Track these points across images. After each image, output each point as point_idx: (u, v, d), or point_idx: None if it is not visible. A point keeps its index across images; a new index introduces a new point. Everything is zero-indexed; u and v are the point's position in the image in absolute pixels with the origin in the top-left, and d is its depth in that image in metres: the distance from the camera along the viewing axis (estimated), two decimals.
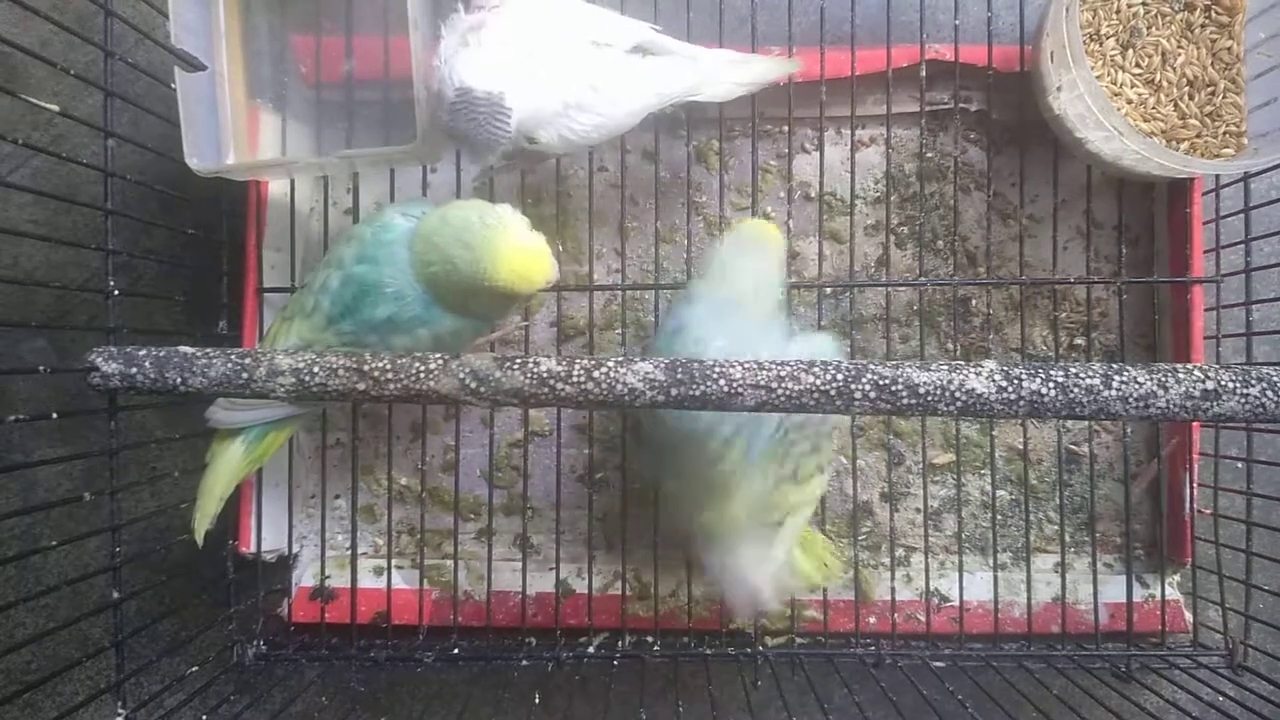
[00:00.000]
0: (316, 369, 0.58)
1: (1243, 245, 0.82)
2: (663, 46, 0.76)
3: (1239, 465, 0.84)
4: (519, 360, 0.57)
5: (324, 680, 0.89)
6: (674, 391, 0.55)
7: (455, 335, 0.70)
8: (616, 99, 0.73)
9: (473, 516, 0.92)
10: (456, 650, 0.86)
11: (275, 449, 0.78)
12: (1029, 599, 0.86)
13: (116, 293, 0.76)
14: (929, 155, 0.90)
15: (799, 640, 0.87)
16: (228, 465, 0.76)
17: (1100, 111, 0.73)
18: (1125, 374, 0.54)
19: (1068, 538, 0.89)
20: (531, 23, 0.70)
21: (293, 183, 0.87)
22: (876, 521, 0.91)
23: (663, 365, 0.56)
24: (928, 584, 0.87)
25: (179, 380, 0.59)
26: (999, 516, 0.90)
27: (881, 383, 0.54)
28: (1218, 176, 0.84)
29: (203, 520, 0.75)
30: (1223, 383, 0.53)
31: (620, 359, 0.56)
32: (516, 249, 0.63)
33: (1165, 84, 0.81)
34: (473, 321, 0.71)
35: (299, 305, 0.73)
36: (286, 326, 0.73)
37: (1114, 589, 0.86)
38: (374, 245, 0.68)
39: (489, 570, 0.87)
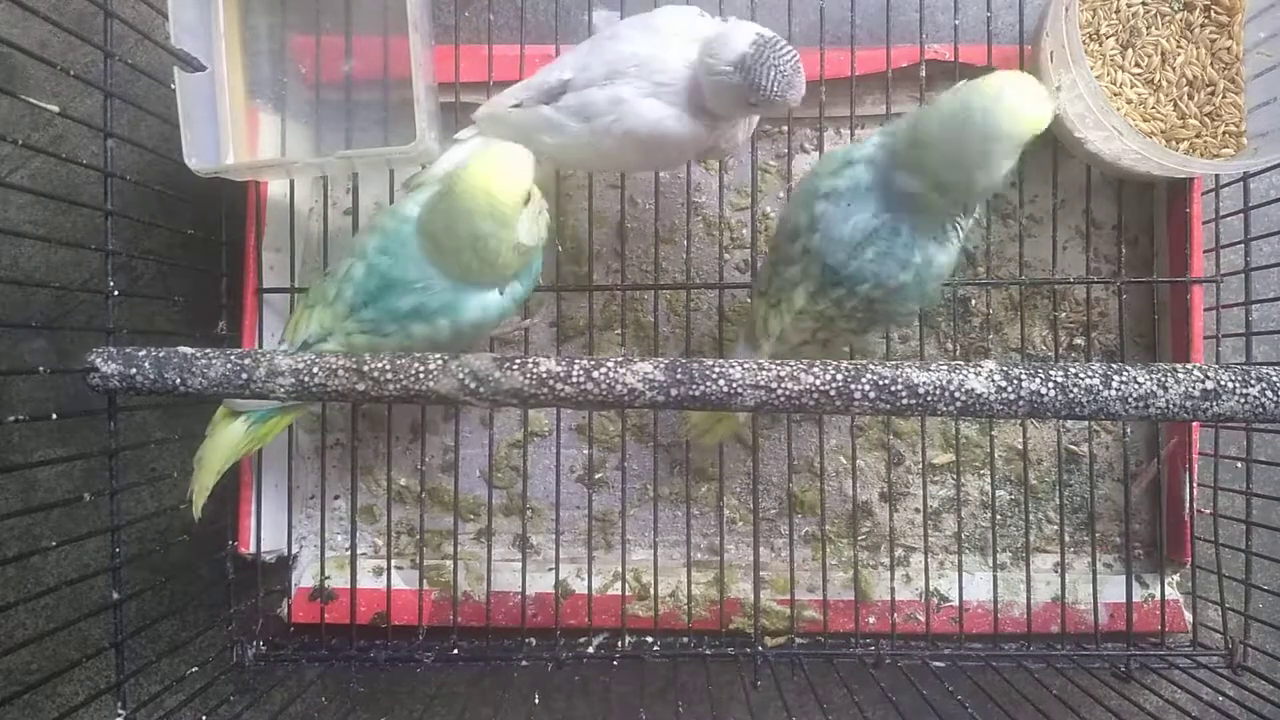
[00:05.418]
0: (316, 370, 0.58)
1: (1242, 245, 0.82)
2: None
3: (1239, 465, 0.84)
4: (518, 360, 0.57)
5: (324, 681, 0.89)
6: (674, 391, 0.56)
7: (476, 327, 0.70)
8: None
9: (472, 517, 0.92)
10: (456, 651, 0.86)
11: (277, 432, 0.78)
12: (1028, 599, 0.86)
13: (116, 293, 0.76)
14: None
15: (799, 640, 0.86)
16: (228, 440, 0.75)
17: (1100, 111, 0.73)
18: (1125, 374, 0.54)
19: (1067, 538, 0.89)
20: None
21: (292, 183, 0.87)
22: (876, 521, 0.91)
23: (662, 365, 0.56)
24: (927, 584, 0.87)
25: (178, 381, 0.59)
26: (999, 516, 0.90)
27: (881, 383, 0.55)
28: (1217, 176, 0.84)
29: (200, 494, 0.75)
30: (1222, 383, 0.53)
31: (620, 359, 0.56)
32: (489, 155, 0.64)
33: (1165, 84, 0.81)
34: (498, 302, 0.70)
35: (321, 293, 0.73)
36: (308, 314, 0.72)
37: (1113, 589, 0.86)
38: (393, 237, 0.69)
39: (488, 570, 0.87)
